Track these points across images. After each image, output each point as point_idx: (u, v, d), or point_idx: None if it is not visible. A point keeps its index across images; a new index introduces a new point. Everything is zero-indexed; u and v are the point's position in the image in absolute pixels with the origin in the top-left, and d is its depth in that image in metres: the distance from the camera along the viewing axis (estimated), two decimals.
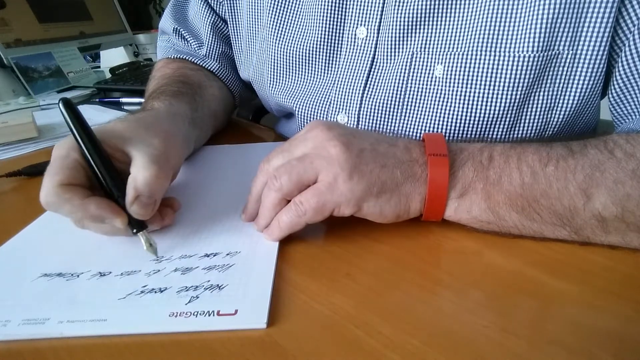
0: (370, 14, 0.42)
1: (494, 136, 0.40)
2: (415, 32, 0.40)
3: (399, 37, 0.41)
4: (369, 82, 0.44)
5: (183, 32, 0.59)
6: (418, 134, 0.43)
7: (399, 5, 0.40)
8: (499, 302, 0.25)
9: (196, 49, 0.58)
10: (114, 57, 1.16)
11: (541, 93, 0.38)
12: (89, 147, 0.30)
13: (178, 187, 0.41)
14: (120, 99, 0.74)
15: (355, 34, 0.44)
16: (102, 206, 0.29)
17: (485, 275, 0.28)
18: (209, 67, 0.57)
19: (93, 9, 1.06)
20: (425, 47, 0.40)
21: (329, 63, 0.47)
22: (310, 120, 0.49)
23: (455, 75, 0.39)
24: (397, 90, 0.42)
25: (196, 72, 0.55)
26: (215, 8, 0.56)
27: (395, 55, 0.42)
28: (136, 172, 0.30)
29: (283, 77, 0.50)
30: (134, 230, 0.30)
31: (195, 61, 0.57)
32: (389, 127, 0.44)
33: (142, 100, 0.52)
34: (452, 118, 0.40)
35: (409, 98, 0.42)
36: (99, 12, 1.08)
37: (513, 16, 0.36)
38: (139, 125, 0.34)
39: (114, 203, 0.30)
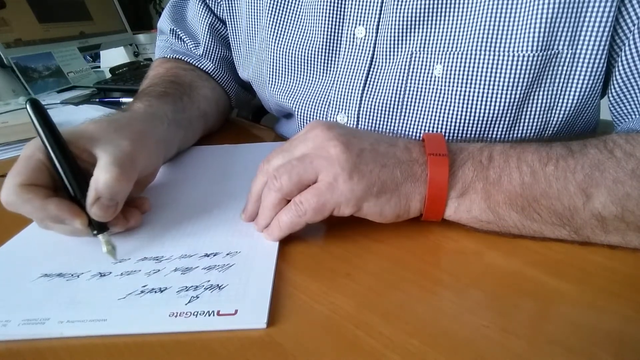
0: (368, 13, 0.42)
1: (494, 136, 0.40)
2: (414, 32, 0.40)
3: (398, 36, 0.41)
4: (368, 82, 0.44)
5: (180, 32, 0.59)
6: (418, 134, 0.43)
7: (397, 5, 0.40)
8: (499, 302, 0.25)
9: (192, 49, 0.58)
10: (114, 57, 1.16)
11: (541, 92, 0.38)
12: (53, 148, 0.30)
13: (177, 187, 0.41)
14: (120, 99, 0.74)
15: (354, 34, 0.44)
16: (62, 207, 0.29)
17: (485, 275, 0.28)
18: (204, 68, 0.57)
19: (93, 9, 1.06)
20: (424, 47, 0.40)
21: (328, 63, 0.47)
22: (309, 120, 0.49)
23: (454, 74, 0.39)
24: (396, 90, 0.42)
25: (189, 72, 0.54)
26: (213, 8, 0.56)
27: (394, 55, 0.42)
28: (98, 173, 0.30)
29: (282, 77, 0.50)
30: (94, 232, 0.30)
31: (190, 61, 0.56)
32: (388, 127, 0.44)
33: None
34: (452, 118, 0.40)
35: (408, 98, 0.42)
36: (99, 12, 1.08)
37: (512, 15, 0.36)
38: (110, 127, 0.34)
39: (74, 204, 0.30)
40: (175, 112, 0.45)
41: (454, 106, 0.40)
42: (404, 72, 0.41)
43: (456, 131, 0.41)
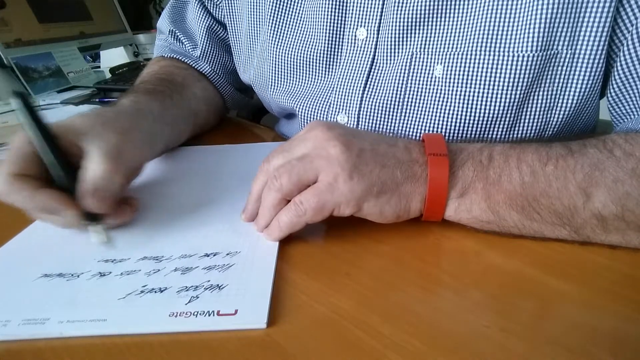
0: (370, 15, 0.42)
1: (494, 136, 0.40)
2: (415, 33, 0.40)
3: (399, 37, 0.41)
4: (368, 83, 0.44)
5: (178, 34, 0.59)
6: (418, 134, 0.43)
7: (398, 6, 0.40)
8: (499, 302, 0.25)
9: (190, 50, 0.58)
10: (114, 57, 1.16)
11: (540, 93, 0.38)
12: (43, 141, 0.30)
13: (177, 187, 0.41)
14: None
15: (355, 35, 0.44)
16: (53, 197, 0.29)
17: (485, 275, 0.28)
18: (200, 69, 0.57)
19: (93, 9, 1.06)
20: (424, 47, 0.40)
21: (329, 64, 0.47)
22: (311, 121, 0.49)
23: (454, 75, 0.39)
24: (396, 91, 0.42)
25: (182, 71, 0.54)
26: (212, 11, 0.56)
27: (395, 56, 0.42)
28: (89, 165, 0.30)
29: (284, 79, 0.50)
30: (86, 223, 0.30)
31: (187, 61, 0.57)
32: (388, 127, 0.44)
33: None
34: (452, 118, 0.40)
35: (408, 98, 0.42)
36: (99, 12, 1.08)
37: (512, 15, 0.36)
38: (96, 121, 0.34)
39: (65, 195, 0.30)
40: (162, 109, 0.45)
41: (454, 106, 0.40)
42: (404, 73, 0.41)
43: (456, 131, 0.41)
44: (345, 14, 0.44)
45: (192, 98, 0.52)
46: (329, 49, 0.46)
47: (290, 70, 0.49)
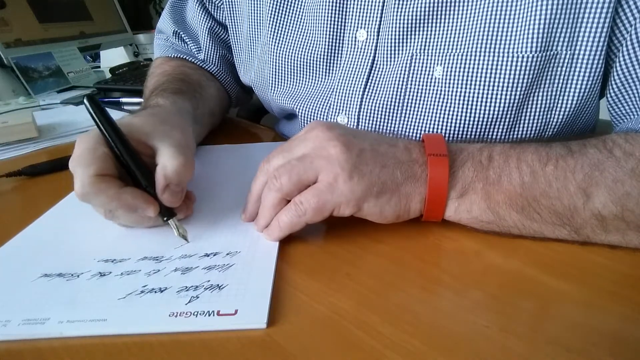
0: (370, 16, 0.42)
1: (494, 137, 0.40)
2: (415, 34, 0.40)
3: (399, 38, 0.41)
4: (368, 84, 0.44)
5: (183, 35, 0.59)
6: (418, 135, 0.43)
7: (398, 7, 0.40)
8: (499, 302, 0.25)
9: (195, 53, 0.59)
10: (114, 57, 1.16)
11: (540, 93, 0.38)
12: (116, 141, 0.30)
13: None
14: (120, 99, 0.74)
15: (355, 37, 0.44)
16: (137, 196, 0.30)
17: (485, 275, 0.28)
18: (208, 69, 0.58)
19: (93, 9, 1.06)
20: (424, 49, 0.40)
21: (329, 66, 0.47)
22: (311, 122, 0.49)
23: (454, 76, 0.39)
24: (396, 92, 0.42)
25: (195, 71, 0.55)
26: (212, 12, 0.56)
27: (395, 57, 0.42)
28: (165, 161, 0.31)
29: (285, 81, 0.50)
30: (165, 218, 0.31)
31: (194, 61, 0.57)
32: (388, 128, 0.44)
33: (141, 100, 0.52)
34: (452, 119, 0.40)
35: (408, 99, 0.42)
36: (99, 12, 1.08)
37: (511, 17, 0.36)
38: (156, 120, 0.35)
39: (146, 193, 0.31)
40: (194, 109, 0.46)
41: (454, 107, 0.40)
42: (404, 74, 0.41)
43: (456, 132, 0.41)
44: (346, 15, 0.44)
45: (210, 98, 0.53)
46: (329, 51, 0.46)
47: (291, 72, 0.49)
